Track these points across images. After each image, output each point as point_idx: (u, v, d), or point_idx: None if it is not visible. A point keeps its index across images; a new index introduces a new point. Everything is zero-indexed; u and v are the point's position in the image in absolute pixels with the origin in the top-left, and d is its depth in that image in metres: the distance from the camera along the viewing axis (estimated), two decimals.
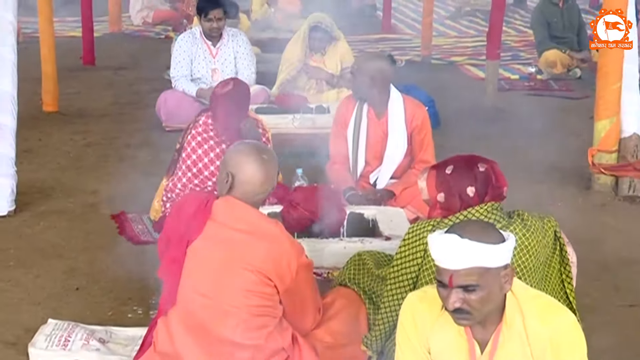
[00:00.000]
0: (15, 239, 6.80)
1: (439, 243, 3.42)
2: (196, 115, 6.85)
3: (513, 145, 7.60)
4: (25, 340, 5.16)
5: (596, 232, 6.92)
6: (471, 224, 3.64)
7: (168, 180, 6.77)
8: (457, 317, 3.47)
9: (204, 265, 4.58)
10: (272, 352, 4.61)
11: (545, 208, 6.18)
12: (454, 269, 3.40)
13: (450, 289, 3.42)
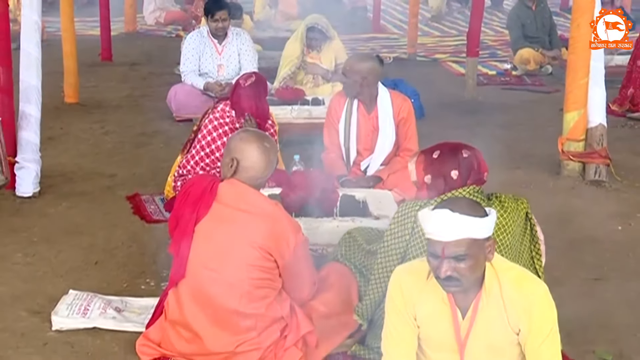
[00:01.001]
0: (39, 218, 6.78)
1: (432, 217, 3.45)
2: (215, 102, 6.86)
3: (490, 134, 7.62)
4: (49, 309, 5.16)
5: (565, 212, 6.92)
6: (459, 200, 3.66)
7: (182, 157, 6.76)
8: (447, 284, 3.49)
9: (210, 242, 4.59)
10: (272, 321, 4.62)
11: (520, 191, 6.18)
12: (446, 241, 3.42)
13: (442, 259, 3.43)
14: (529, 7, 12.64)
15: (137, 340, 4.76)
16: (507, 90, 11.45)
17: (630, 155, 8.44)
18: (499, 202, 4.46)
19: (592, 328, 5.08)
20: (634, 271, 5.98)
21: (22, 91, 7.19)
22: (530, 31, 12.52)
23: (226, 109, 6.63)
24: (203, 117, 6.77)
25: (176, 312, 4.65)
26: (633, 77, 10.23)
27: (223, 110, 6.64)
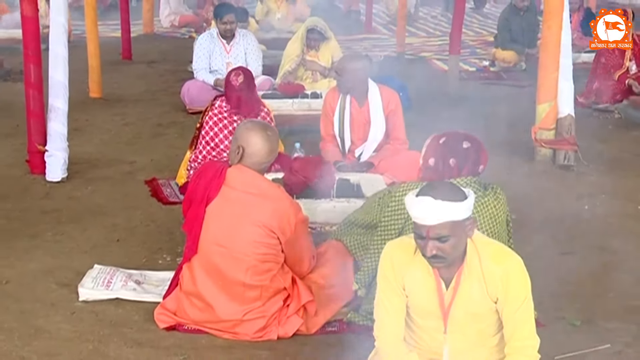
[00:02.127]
0: (67, 200, 6.77)
1: (416, 204, 3.42)
2: (212, 100, 6.84)
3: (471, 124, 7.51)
4: (76, 281, 5.16)
5: (538, 194, 6.92)
6: (439, 185, 3.61)
7: (191, 153, 6.79)
8: (433, 261, 3.48)
9: (219, 221, 4.59)
10: (276, 291, 4.64)
11: (498, 175, 6.17)
12: (430, 225, 3.40)
13: (428, 240, 3.42)
14: (518, 13, 12.60)
15: (155, 310, 4.77)
16: (486, 85, 11.43)
17: (595, 142, 8.44)
18: (495, 193, 4.46)
19: (562, 297, 5.08)
20: (599, 246, 5.97)
21: (51, 87, 7.17)
22: (516, 33, 12.47)
23: (223, 105, 6.66)
24: (204, 115, 6.78)
25: (190, 284, 4.66)
26: (598, 72, 10.23)
27: (220, 107, 6.67)
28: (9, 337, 4.55)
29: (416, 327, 3.68)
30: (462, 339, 3.61)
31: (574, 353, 4.46)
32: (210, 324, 4.62)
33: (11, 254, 5.68)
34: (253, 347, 4.50)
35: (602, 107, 9.96)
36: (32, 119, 7.21)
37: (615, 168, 7.77)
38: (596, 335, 4.68)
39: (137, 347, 4.48)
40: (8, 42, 12.75)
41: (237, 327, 4.59)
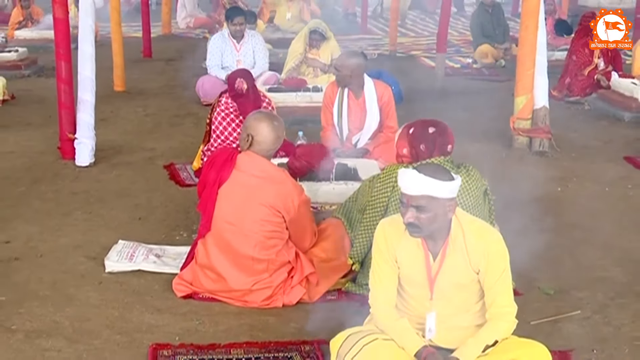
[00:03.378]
0: (94, 183, 6.77)
1: (402, 174, 3.46)
2: (218, 97, 6.86)
3: (456, 114, 7.52)
4: (102, 255, 5.16)
5: (516, 177, 6.90)
6: (431, 165, 3.67)
7: (204, 146, 6.78)
8: (410, 230, 3.49)
9: (230, 202, 4.59)
10: (281, 264, 4.64)
11: (479, 160, 6.13)
12: (410, 194, 3.42)
13: (407, 207, 3.43)
14: (487, 11, 12.68)
15: (173, 280, 4.77)
16: (469, 80, 11.39)
17: (567, 131, 8.43)
18: (466, 170, 4.50)
19: (537, 269, 5.08)
20: (571, 223, 5.98)
21: (80, 81, 7.16)
22: (487, 30, 12.53)
23: (228, 101, 6.68)
24: (212, 111, 6.78)
25: (204, 257, 4.67)
26: (569, 69, 10.24)
27: (226, 103, 6.69)
28: (44, 304, 4.57)
29: (406, 295, 3.67)
30: (447, 305, 3.60)
31: (548, 319, 4.47)
32: (222, 293, 4.63)
33: (45, 231, 5.69)
34: (261, 313, 4.51)
35: (573, 100, 9.98)
36: (63, 110, 7.21)
37: (585, 154, 7.77)
38: (568, 303, 4.69)
39: (157, 314, 4.49)
40: (42, 42, 12.76)
41: (246, 296, 4.60)
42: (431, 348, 3.54)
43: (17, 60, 11.41)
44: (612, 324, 4.44)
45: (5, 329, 4.27)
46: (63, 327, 4.32)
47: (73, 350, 4.09)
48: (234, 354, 4.05)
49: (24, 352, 4.06)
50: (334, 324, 3.91)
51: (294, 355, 4.03)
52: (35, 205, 6.23)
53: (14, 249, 5.38)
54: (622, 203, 6.48)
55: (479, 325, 3.61)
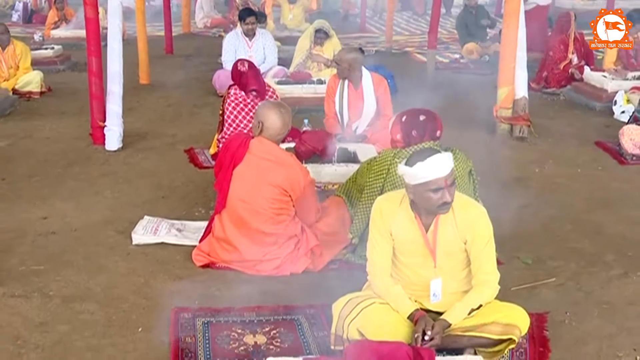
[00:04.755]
0: (122, 165, 6.76)
1: (429, 165, 3.37)
2: (227, 89, 6.80)
3: (445, 104, 7.48)
4: (130, 229, 5.16)
5: (498, 160, 6.88)
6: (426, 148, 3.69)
7: (219, 134, 6.75)
8: (445, 208, 3.46)
9: (243, 182, 4.59)
10: (288, 237, 4.64)
11: (466, 145, 6.11)
12: (445, 175, 3.38)
13: (445, 189, 3.38)
14: (471, 12, 12.58)
15: (193, 251, 4.77)
16: (457, 74, 11.31)
17: (544, 119, 8.39)
18: (453, 153, 4.45)
19: (517, 241, 5.08)
20: (547, 201, 5.97)
21: (109, 75, 7.13)
22: (472, 30, 12.43)
23: (237, 92, 6.62)
24: (223, 103, 6.72)
25: (220, 231, 4.67)
26: (546, 63, 10.19)
27: (235, 94, 6.62)
28: (78, 273, 4.58)
29: (401, 265, 3.67)
30: (439, 272, 3.61)
31: (526, 285, 4.48)
32: (236, 262, 4.63)
33: (78, 208, 5.69)
34: (271, 280, 4.51)
35: (550, 91, 9.94)
36: (94, 101, 7.19)
37: (560, 139, 7.74)
38: (544, 271, 4.69)
39: (178, 281, 4.49)
40: (74, 40, 12.71)
41: (258, 265, 4.60)
42: (422, 311, 3.55)
43: (53, 57, 11.43)
44: (583, 290, 4.44)
45: (44, 294, 4.28)
46: (95, 292, 4.33)
47: (104, 313, 4.10)
48: (246, 316, 4.06)
49: (61, 314, 4.07)
50: (336, 290, 3.90)
51: (300, 317, 4.04)
52: (70, 185, 6.23)
53: (51, 224, 5.38)
54: (592, 183, 6.46)
55: (465, 291, 3.60)
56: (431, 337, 3.38)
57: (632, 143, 6.99)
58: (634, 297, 4.34)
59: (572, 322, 4.07)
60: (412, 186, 3.45)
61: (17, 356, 3.66)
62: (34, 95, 9.43)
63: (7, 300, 4.20)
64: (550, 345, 3.81)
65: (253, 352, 3.73)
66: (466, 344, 3.51)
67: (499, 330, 3.47)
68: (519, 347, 3.71)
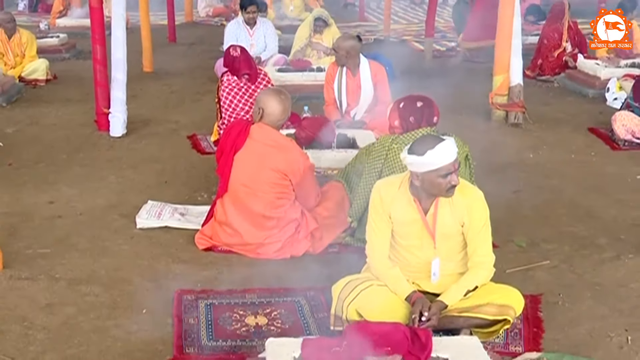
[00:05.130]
0: (127, 151, 6.74)
1: (439, 151, 3.35)
2: (220, 77, 6.75)
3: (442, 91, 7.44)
4: (134, 213, 5.14)
5: (493, 146, 6.88)
6: (427, 135, 3.65)
7: (218, 122, 6.71)
8: (452, 191, 3.44)
9: (245, 167, 4.57)
10: (289, 221, 4.63)
11: (462, 131, 6.09)
12: (453, 160, 3.37)
13: (453, 173, 3.38)
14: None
15: (195, 235, 4.76)
16: (454, 62, 11.28)
17: (538, 105, 8.37)
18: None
19: (512, 224, 5.07)
20: (540, 186, 5.96)
21: (113, 63, 7.09)
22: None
23: (230, 78, 6.54)
24: (218, 90, 6.65)
25: (222, 215, 4.65)
26: (541, 51, 10.17)
27: (228, 80, 6.54)
28: (83, 255, 4.57)
29: (399, 247, 3.66)
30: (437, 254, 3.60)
31: (521, 267, 4.47)
32: (238, 246, 4.62)
33: (84, 192, 5.67)
34: (272, 263, 4.50)
35: (544, 78, 9.93)
36: (99, 88, 7.16)
37: (554, 125, 7.73)
38: (538, 254, 4.68)
39: (181, 264, 4.49)
40: (79, 29, 12.67)
41: (259, 248, 4.59)
42: (419, 293, 3.55)
43: (58, 45, 11.36)
44: (576, 272, 4.44)
45: (50, 276, 4.28)
46: (100, 275, 4.32)
47: (109, 295, 4.09)
48: (248, 298, 4.05)
49: (67, 296, 4.07)
50: (335, 272, 3.91)
51: (300, 299, 4.03)
52: (75, 170, 6.21)
53: (57, 208, 5.37)
54: (585, 168, 6.45)
55: (461, 273, 3.60)
56: (428, 318, 3.39)
57: (624, 129, 6.97)
58: (626, 279, 4.33)
59: (565, 303, 4.07)
60: (421, 174, 3.42)
61: (24, 337, 3.66)
62: (39, 83, 9.40)
63: (14, 282, 4.20)
64: (543, 326, 3.81)
65: (254, 333, 3.72)
66: (462, 325, 3.51)
67: (494, 311, 3.47)
68: (513, 328, 3.71)
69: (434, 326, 3.38)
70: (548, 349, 3.59)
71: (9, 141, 7.00)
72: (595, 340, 3.69)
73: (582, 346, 3.63)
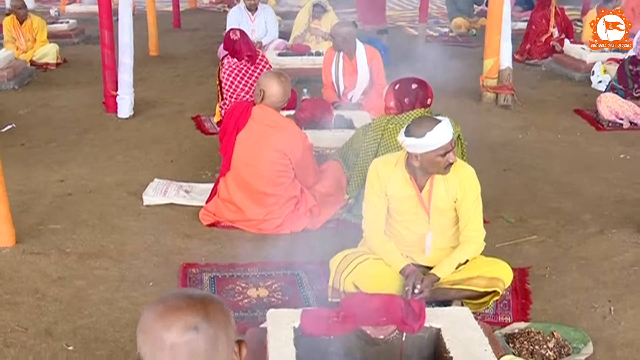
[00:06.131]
0: (134, 131, 6.71)
1: (436, 133, 3.31)
2: (220, 60, 6.68)
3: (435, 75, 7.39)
4: (141, 191, 5.13)
5: (484, 127, 6.86)
6: (423, 117, 3.59)
7: (220, 102, 6.64)
8: (450, 169, 3.42)
9: (246, 146, 4.55)
10: (288, 198, 4.61)
11: (454, 112, 6.07)
12: (450, 139, 3.34)
13: (451, 151, 3.35)
14: None
15: (200, 211, 4.74)
16: (446, 46, 11.21)
17: (527, 88, 8.34)
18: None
19: (501, 201, 5.06)
20: (529, 164, 5.94)
21: (121, 47, 7.04)
22: (460, 5, 12.30)
23: (230, 61, 6.44)
24: (219, 73, 6.57)
25: (225, 192, 4.64)
26: (529, 37, 10.14)
27: (229, 62, 6.44)
28: (93, 231, 4.55)
29: (394, 222, 3.64)
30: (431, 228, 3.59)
31: (510, 242, 4.46)
32: (240, 222, 4.60)
33: (93, 171, 5.65)
34: (272, 238, 4.48)
35: (532, 62, 9.90)
36: (107, 72, 7.13)
37: (541, 107, 7.70)
38: (526, 229, 4.67)
39: (186, 238, 4.47)
40: (88, 15, 12.62)
41: (260, 224, 4.57)
42: (413, 266, 3.53)
43: (68, 30, 11.32)
44: (562, 246, 4.43)
45: (61, 251, 4.26)
46: (108, 249, 4.31)
47: (117, 269, 4.08)
48: (250, 271, 4.04)
49: (77, 270, 4.05)
50: (333, 246, 3.89)
51: (299, 272, 4.02)
52: (85, 150, 6.19)
53: (67, 186, 5.35)
54: (571, 147, 6.43)
55: (453, 247, 3.59)
56: (421, 290, 3.38)
57: (608, 110, 6.95)
58: (609, 253, 4.33)
59: (552, 276, 4.06)
60: (420, 154, 3.37)
61: (36, 308, 3.65)
62: (50, 67, 9.35)
63: (27, 256, 4.18)
64: (531, 297, 3.81)
65: (256, 305, 3.72)
66: (454, 296, 3.50)
67: (484, 283, 3.46)
68: (502, 299, 3.71)
69: (427, 298, 3.37)
70: (535, 319, 3.58)
71: (22, 122, 6.97)
72: (580, 311, 3.69)
73: (567, 316, 3.63)
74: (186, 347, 1.32)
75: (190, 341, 1.34)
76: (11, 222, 4.31)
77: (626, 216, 4.83)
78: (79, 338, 3.40)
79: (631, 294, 3.84)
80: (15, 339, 3.39)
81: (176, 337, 1.33)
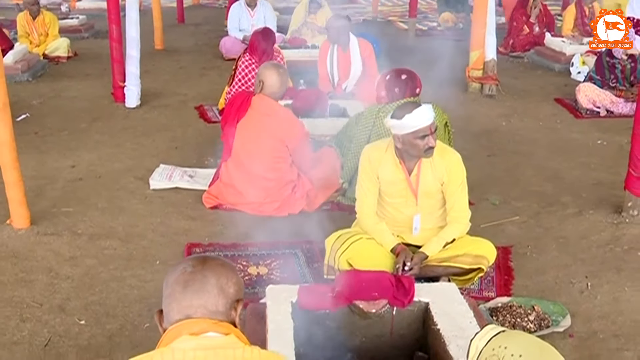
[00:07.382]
0: (141, 120, 6.69)
1: (416, 115, 3.30)
2: (243, 51, 6.63)
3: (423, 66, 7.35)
4: (147, 175, 5.12)
5: (470, 115, 6.85)
6: (408, 102, 3.58)
7: (229, 86, 6.60)
8: (430, 152, 3.39)
9: (247, 134, 4.53)
10: (286, 182, 4.60)
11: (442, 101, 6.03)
12: (429, 123, 3.33)
13: (430, 136, 3.33)
14: None
15: (203, 195, 4.73)
16: (434, 39, 11.18)
17: (510, 79, 8.32)
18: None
19: (486, 185, 5.06)
20: (512, 150, 5.94)
21: (128, 41, 6.99)
22: (448, 0, 12.26)
23: (251, 58, 6.31)
24: (238, 60, 6.52)
25: (227, 177, 4.62)
26: (512, 31, 10.13)
27: (250, 59, 6.33)
28: (102, 214, 4.54)
29: (385, 204, 3.64)
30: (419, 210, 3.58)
31: (494, 222, 4.46)
32: (241, 204, 4.59)
33: (102, 157, 5.64)
34: (271, 220, 4.47)
35: (515, 55, 9.89)
36: (115, 64, 7.08)
37: (524, 96, 7.70)
38: (509, 211, 4.67)
39: (190, 220, 4.46)
40: (97, 10, 12.58)
41: (260, 207, 4.57)
42: (403, 245, 3.54)
43: (78, 25, 11.27)
44: (543, 227, 4.44)
45: (73, 232, 4.25)
46: (117, 231, 4.30)
47: (125, 249, 4.07)
48: (250, 250, 4.04)
49: (88, 250, 4.05)
50: (328, 227, 3.89)
51: (297, 251, 4.03)
52: (94, 138, 6.16)
53: (78, 171, 5.33)
54: (552, 134, 6.43)
55: (440, 227, 3.59)
56: (411, 267, 3.38)
57: (586, 99, 6.95)
58: (587, 232, 4.34)
59: (533, 254, 4.07)
60: (400, 136, 3.38)
61: (50, 285, 3.65)
62: (61, 60, 9.30)
63: (41, 237, 4.17)
64: (513, 274, 3.82)
65: (256, 282, 3.72)
66: (441, 273, 3.50)
67: (470, 260, 3.47)
68: (487, 276, 3.72)
69: (416, 274, 3.37)
70: (517, 294, 3.59)
71: (35, 112, 6.93)
72: (560, 286, 3.70)
73: (547, 291, 3.64)
74: (183, 277, 1.73)
75: (186, 274, 1.74)
76: (26, 205, 4.31)
77: (603, 198, 4.83)
78: (90, 313, 3.40)
79: (607, 270, 3.86)
80: (30, 314, 3.39)
81: (179, 273, 1.75)
